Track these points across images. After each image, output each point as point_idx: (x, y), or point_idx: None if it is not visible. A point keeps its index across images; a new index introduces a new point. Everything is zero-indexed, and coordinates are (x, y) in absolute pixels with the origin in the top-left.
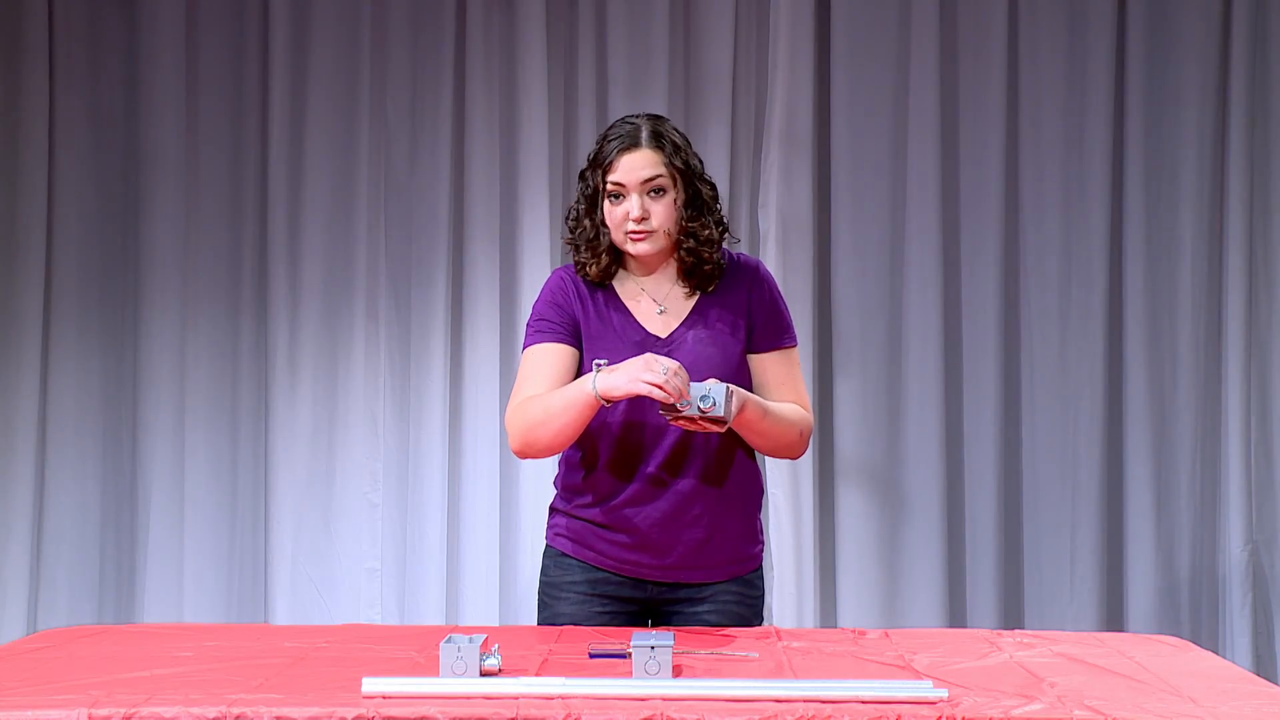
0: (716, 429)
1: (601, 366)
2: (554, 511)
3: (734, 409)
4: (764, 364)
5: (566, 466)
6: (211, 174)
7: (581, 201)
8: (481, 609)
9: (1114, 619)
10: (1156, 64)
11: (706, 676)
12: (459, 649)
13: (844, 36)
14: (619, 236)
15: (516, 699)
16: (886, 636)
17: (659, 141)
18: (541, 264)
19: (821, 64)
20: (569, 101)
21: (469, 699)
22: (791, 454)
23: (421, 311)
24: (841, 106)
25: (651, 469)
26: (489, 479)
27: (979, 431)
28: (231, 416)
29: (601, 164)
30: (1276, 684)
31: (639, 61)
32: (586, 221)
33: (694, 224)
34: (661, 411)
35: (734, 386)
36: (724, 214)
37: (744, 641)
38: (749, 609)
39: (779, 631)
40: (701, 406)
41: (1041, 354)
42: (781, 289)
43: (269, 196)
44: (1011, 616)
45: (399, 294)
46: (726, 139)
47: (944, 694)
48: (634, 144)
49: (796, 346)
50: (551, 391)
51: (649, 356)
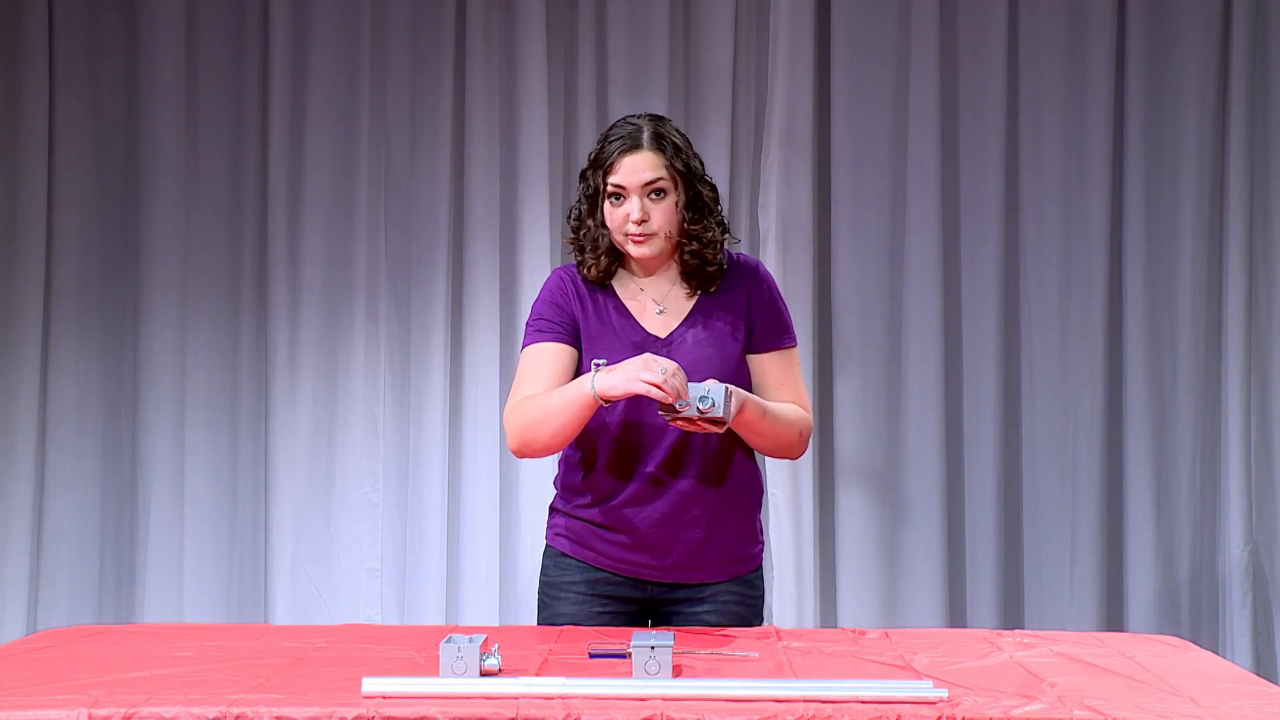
0: (715, 429)
1: (600, 366)
2: (553, 511)
3: (733, 409)
4: (763, 364)
5: (566, 466)
6: (211, 174)
7: (583, 201)
8: (481, 609)
9: (1114, 619)
10: (1156, 64)
11: (706, 676)
12: (459, 649)
13: (844, 36)
14: (619, 238)
15: (516, 699)
16: (886, 636)
17: (660, 143)
18: (541, 264)
19: (821, 64)
20: (569, 101)
21: (469, 699)
22: (791, 454)
23: (421, 311)
24: (841, 106)
25: (651, 469)
26: (489, 479)
27: (979, 431)
28: (231, 416)
29: (602, 165)
30: (1276, 684)
31: (639, 61)
32: (589, 222)
33: (695, 226)
34: (660, 412)
35: (733, 387)
36: (724, 214)
37: (744, 641)
38: (749, 609)
39: (779, 631)
40: (700, 407)
41: (1041, 354)
42: (781, 289)
43: (269, 196)
44: (1011, 616)
45: (399, 294)
46: (726, 139)
47: (944, 694)
48: (635, 145)
49: (796, 347)
50: (550, 391)
51: (648, 356)
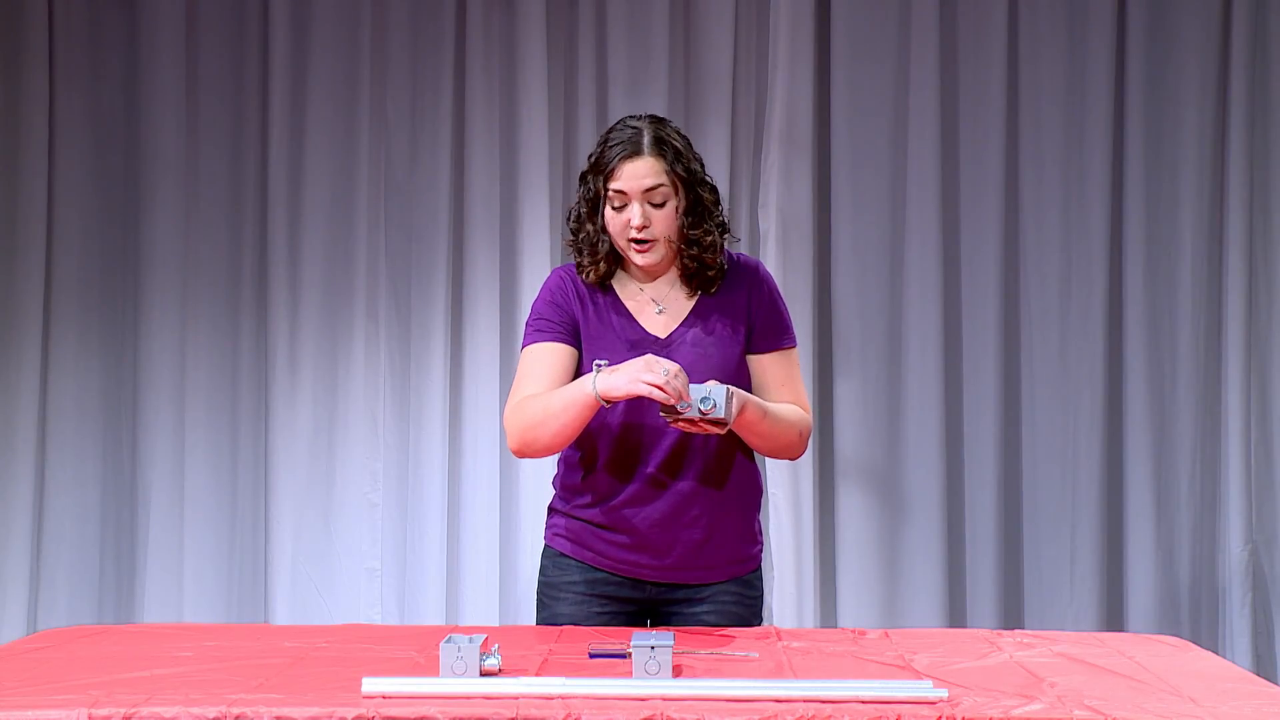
0: (717, 431)
1: (602, 367)
2: (553, 511)
3: (734, 410)
4: (764, 365)
5: (565, 466)
6: (211, 174)
7: (583, 204)
8: (481, 609)
9: (1114, 619)
10: (1156, 64)
11: (706, 676)
12: (459, 649)
13: (844, 36)
14: (621, 243)
15: (516, 699)
16: (886, 636)
17: (661, 148)
18: (541, 264)
19: (821, 64)
20: (569, 101)
21: (469, 699)
22: (791, 454)
23: (421, 311)
24: (841, 106)
25: (650, 469)
26: (489, 479)
27: (979, 431)
28: (231, 416)
29: (603, 170)
30: (1276, 684)
31: (639, 61)
32: (589, 226)
33: (696, 231)
34: (662, 413)
35: (734, 388)
36: (724, 215)
37: (744, 641)
38: (748, 609)
39: (779, 631)
40: (702, 409)
41: (1041, 354)
42: (781, 289)
43: (269, 196)
44: (1011, 616)
45: (399, 294)
46: (726, 139)
47: (944, 694)
48: (636, 151)
49: (796, 347)
50: (551, 391)
51: (650, 358)
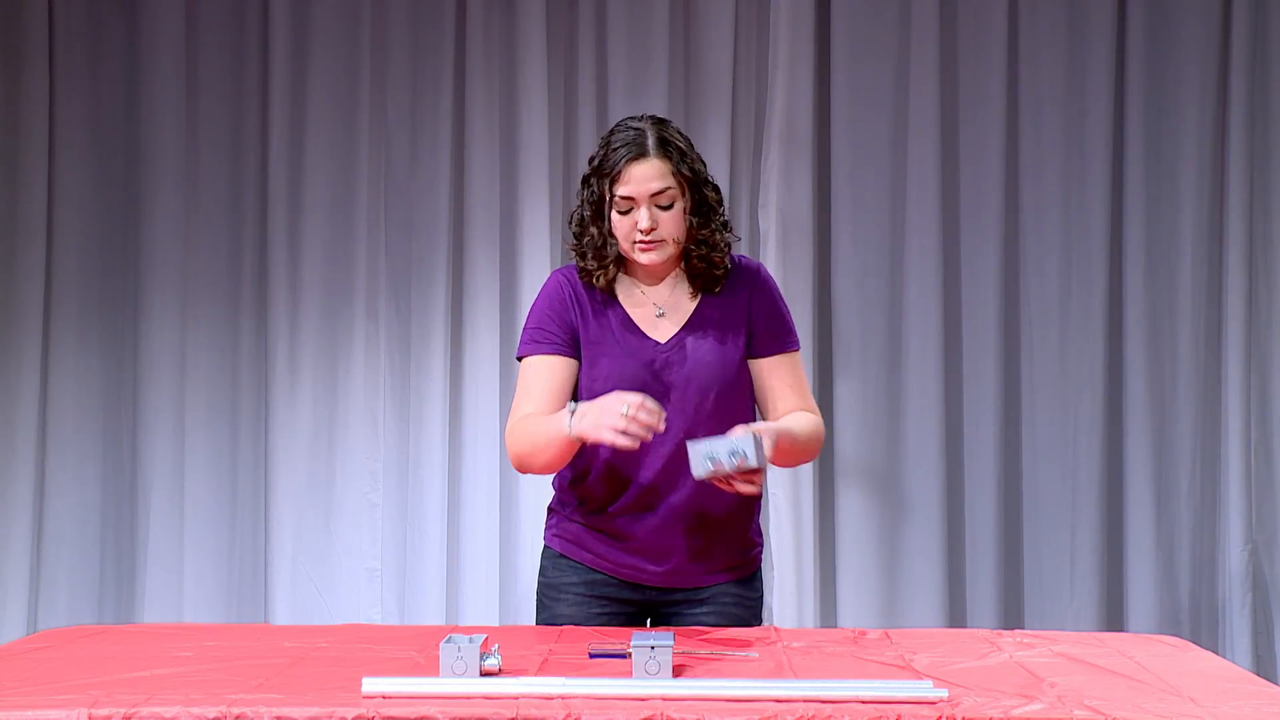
0: (751, 485)
1: (574, 411)
2: (552, 512)
3: (768, 452)
4: (768, 368)
5: (564, 471)
6: (211, 174)
7: (586, 208)
8: (481, 609)
9: (1114, 619)
10: (1156, 64)
11: (706, 676)
12: (459, 649)
13: (844, 36)
14: (627, 246)
15: (516, 699)
16: (886, 636)
17: (666, 149)
18: (541, 264)
19: (821, 64)
20: (569, 101)
21: (469, 699)
22: (809, 460)
23: (421, 311)
24: (841, 106)
25: (646, 479)
26: (489, 479)
27: (979, 431)
28: (231, 416)
29: (609, 174)
30: (1276, 684)
31: (639, 61)
32: (593, 230)
33: (704, 231)
34: (697, 477)
35: (760, 427)
36: (726, 215)
37: (744, 642)
38: (748, 610)
39: (779, 631)
40: (733, 463)
41: (1041, 354)
42: (781, 289)
43: (269, 196)
44: (1011, 616)
45: (399, 294)
46: (726, 139)
47: (944, 694)
48: (641, 153)
49: (799, 350)
50: (540, 419)
51: (614, 397)
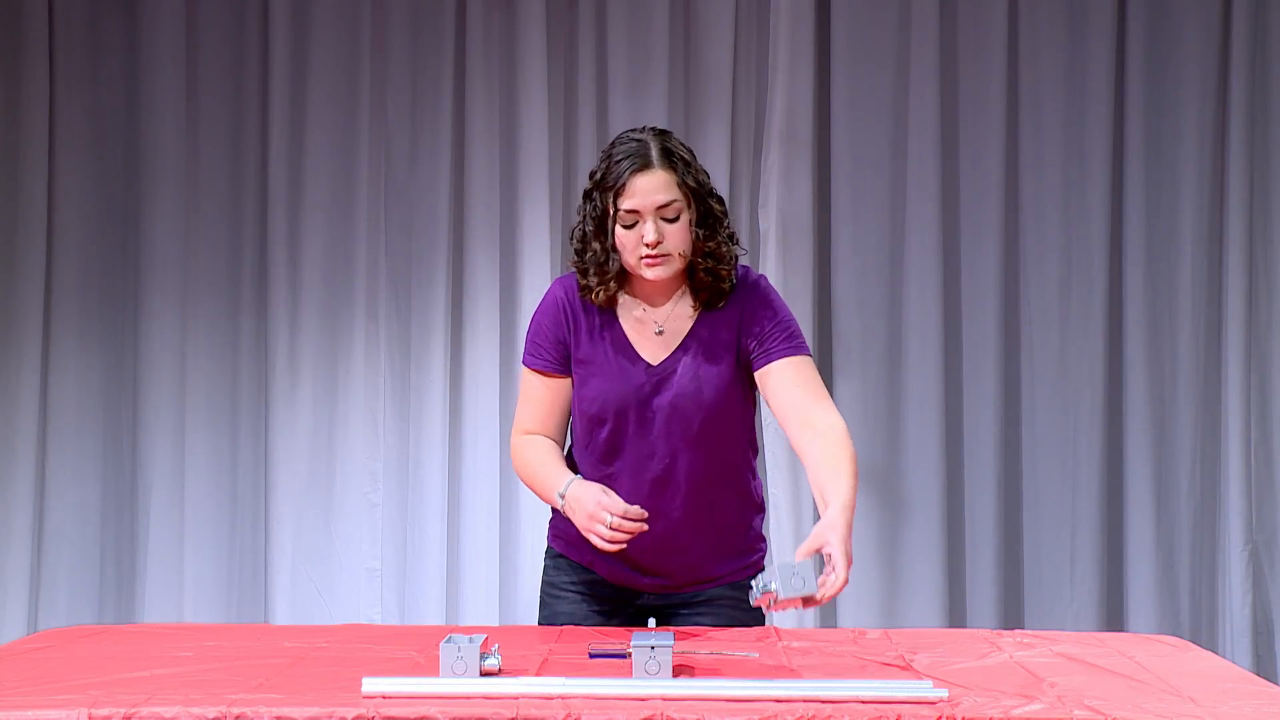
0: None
1: (563, 497)
2: (554, 512)
3: (845, 550)
4: (773, 376)
5: None
6: (211, 174)
7: (589, 223)
8: (481, 609)
9: (1114, 619)
10: (1156, 64)
11: (706, 676)
12: (459, 649)
13: (844, 36)
14: (632, 261)
15: (516, 699)
16: (886, 636)
17: (670, 160)
18: (541, 264)
19: (821, 64)
20: (569, 101)
21: (469, 699)
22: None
23: (421, 311)
24: (841, 106)
25: (637, 500)
26: (489, 479)
27: (979, 431)
28: (231, 416)
29: (612, 187)
30: (1276, 684)
31: (639, 61)
32: (595, 245)
33: (710, 243)
34: (753, 603)
35: (827, 534)
36: (732, 226)
37: (744, 642)
38: (748, 614)
39: (779, 631)
40: (789, 592)
41: (1041, 354)
42: (781, 289)
43: (269, 196)
44: (1011, 616)
45: (399, 294)
46: (726, 139)
47: (944, 694)
48: (645, 164)
49: (808, 355)
50: (540, 463)
51: (598, 504)
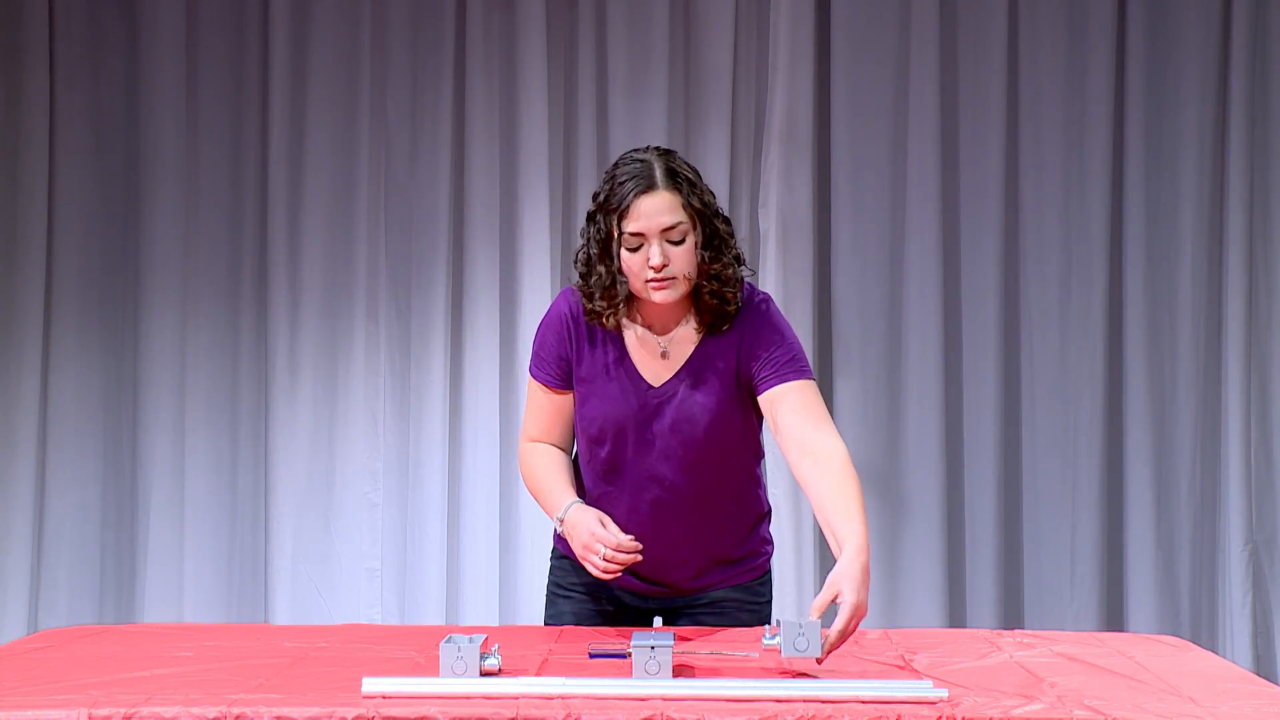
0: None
1: (568, 511)
2: None
3: (859, 597)
4: (774, 400)
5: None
6: (211, 174)
7: (593, 246)
8: (481, 609)
9: (1114, 619)
10: (1156, 64)
11: (706, 676)
12: (459, 649)
13: (844, 36)
14: (638, 285)
15: (516, 699)
16: (886, 636)
17: (675, 181)
18: (541, 264)
19: (821, 64)
20: (569, 101)
21: (469, 699)
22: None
23: (421, 311)
24: (841, 106)
25: (634, 529)
26: (489, 479)
27: (979, 431)
28: (231, 416)
29: (616, 209)
30: (1276, 684)
31: (639, 61)
32: (601, 269)
33: (715, 265)
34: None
35: (841, 584)
36: (740, 248)
37: (744, 642)
38: (753, 615)
39: None
40: (799, 652)
41: (1041, 354)
42: (781, 289)
43: (269, 196)
44: (1011, 616)
45: (399, 294)
46: (726, 139)
47: (944, 694)
48: (650, 186)
49: (810, 379)
50: (545, 476)
51: (592, 536)
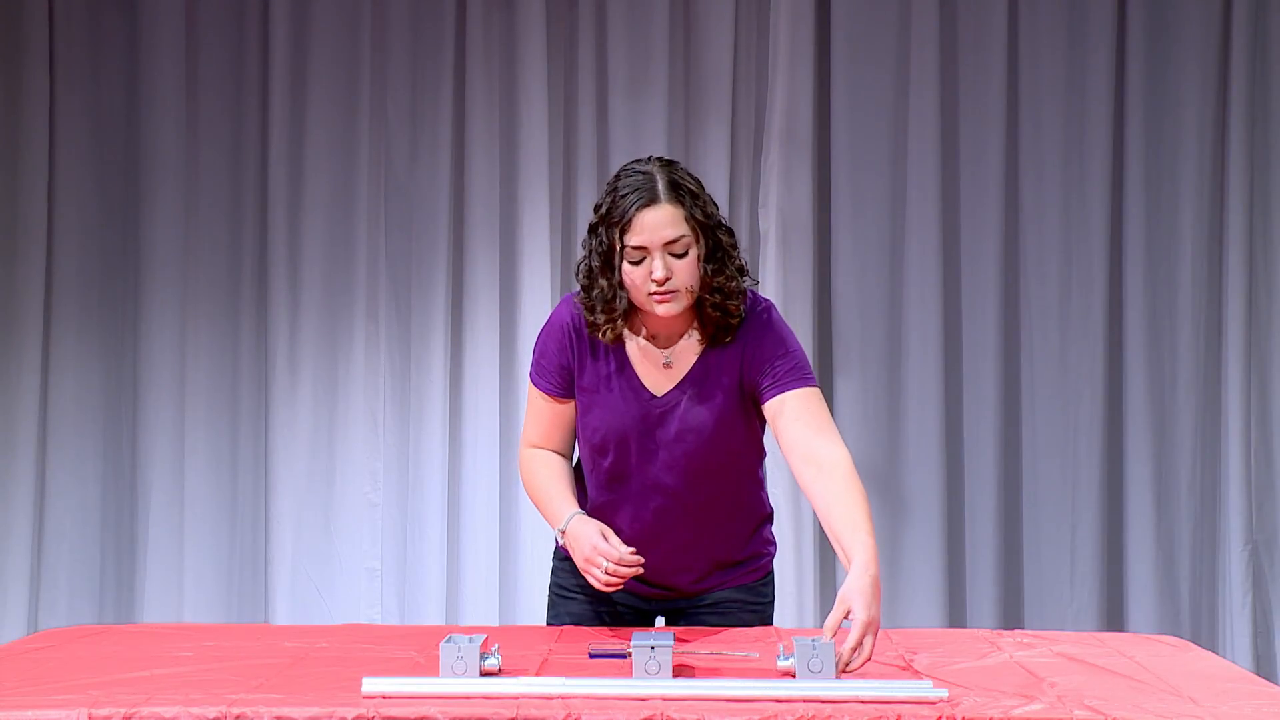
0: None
1: (563, 534)
2: None
3: (868, 614)
4: (776, 409)
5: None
6: (211, 174)
7: (595, 258)
8: (481, 609)
9: (1114, 619)
10: (1156, 64)
11: (706, 676)
12: (459, 649)
13: (844, 36)
14: (641, 298)
15: (516, 699)
16: (886, 636)
17: (677, 193)
18: (541, 264)
19: (821, 64)
20: (569, 101)
21: (469, 699)
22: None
23: (421, 311)
24: (841, 106)
25: (634, 534)
26: (489, 479)
27: (979, 431)
28: (231, 416)
29: (618, 223)
30: (1276, 684)
31: (639, 61)
32: (602, 282)
33: (718, 278)
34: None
35: (851, 599)
36: (744, 259)
37: (744, 642)
38: (756, 615)
39: (780, 632)
40: (814, 673)
41: (1041, 354)
42: (781, 289)
43: (269, 196)
44: (1011, 616)
45: (399, 294)
46: (726, 139)
47: (944, 694)
48: (652, 198)
49: (814, 387)
50: (546, 484)
51: (593, 550)
